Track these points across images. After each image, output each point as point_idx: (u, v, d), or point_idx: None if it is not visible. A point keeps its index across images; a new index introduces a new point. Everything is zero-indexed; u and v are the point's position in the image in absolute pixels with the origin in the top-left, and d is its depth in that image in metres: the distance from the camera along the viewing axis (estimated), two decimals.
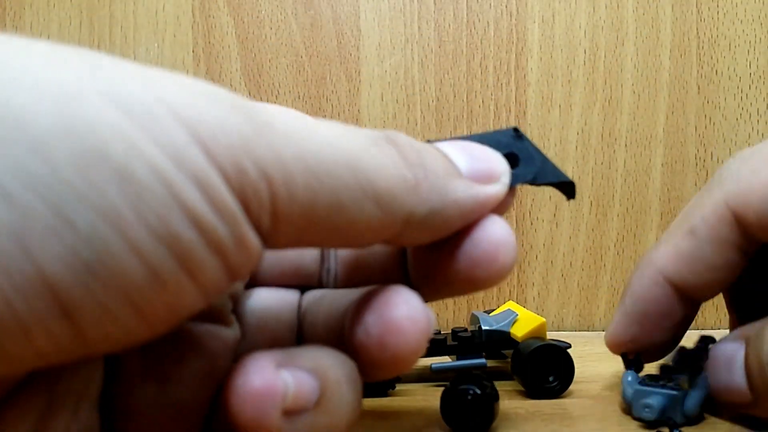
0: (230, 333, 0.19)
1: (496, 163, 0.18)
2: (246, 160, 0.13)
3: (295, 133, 0.14)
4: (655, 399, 0.24)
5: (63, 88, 0.11)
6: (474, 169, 0.17)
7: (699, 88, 0.46)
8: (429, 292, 0.19)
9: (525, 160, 0.19)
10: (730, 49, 0.46)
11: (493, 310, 0.33)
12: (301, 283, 0.21)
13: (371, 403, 0.28)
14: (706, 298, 0.26)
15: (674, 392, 0.24)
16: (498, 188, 0.18)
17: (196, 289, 0.13)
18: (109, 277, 0.11)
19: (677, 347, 0.26)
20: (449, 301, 0.46)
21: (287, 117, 0.14)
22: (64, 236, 0.11)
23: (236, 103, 0.13)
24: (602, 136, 0.46)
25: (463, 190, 0.17)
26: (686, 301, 0.26)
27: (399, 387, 0.30)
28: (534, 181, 0.19)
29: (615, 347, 0.27)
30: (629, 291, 0.27)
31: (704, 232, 0.24)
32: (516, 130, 0.20)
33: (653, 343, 0.27)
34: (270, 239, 0.14)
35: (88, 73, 0.12)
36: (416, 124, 0.46)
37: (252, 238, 0.13)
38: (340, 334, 0.18)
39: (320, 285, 0.21)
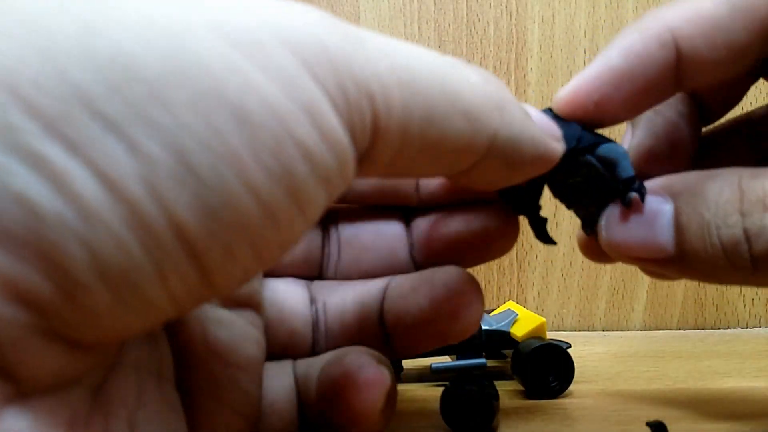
0: (261, 320, 0.20)
1: (555, 126, 0.19)
2: (348, 80, 0.13)
3: (386, 46, 0.14)
4: None
5: (171, 26, 0.11)
6: (542, 122, 0.18)
7: None
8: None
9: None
10: None
11: (493, 310, 0.33)
12: (306, 273, 0.22)
13: None
14: (702, 103, 0.23)
15: None
16: (559, 147, 0.18)
17: (304, 223, 0.13)
18: (231, 219, 0.12)
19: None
20: None
21: (374, 34, 0.14)
22: (189, 183, 0.11)
23: (330, 21, 0.13)
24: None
25: (538, 131, 0.17)
26: (680, 86, 0.20)
27: (399, 387, 0.30)
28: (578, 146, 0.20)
29: (572, 103, 0.20)
30: (619, 42, 0.19)
31: (741, 1, 0.19)
32: (550, 110, 0.20)
33: (616, 121, 0.21)
34: (365, 164, 0.14)
35: (192, 4, 0.12)
36: None
37: (353, 164, 0.14)
38: (360, 328, 0.21)
39: (321, 274, 0.22)
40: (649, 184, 0.20)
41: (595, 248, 0.22)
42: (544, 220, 0.22)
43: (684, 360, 0.35)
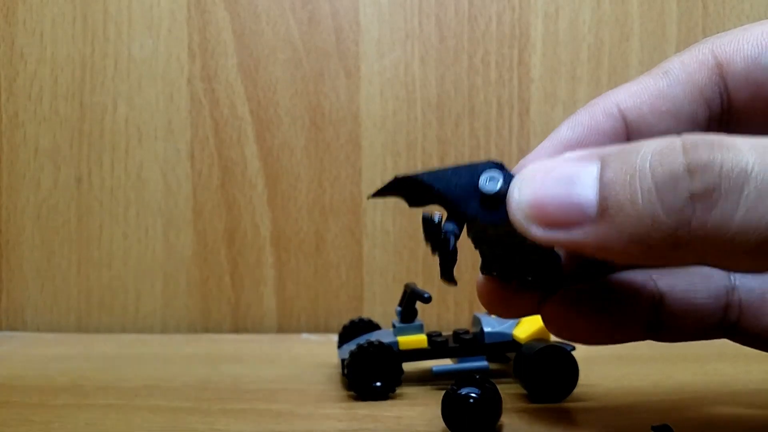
0: None
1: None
2: None
3: None
4: None
5: None
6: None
7: None
8: None
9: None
10: None
11: None
12: None
13: (372, 406, 0.28)
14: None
15: None
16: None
17: None
18: None
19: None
20: (450, 303, 0.45)
21: None
22: None
23: None
24: None
25: None
26: None
27: (400, 390, 0.29)
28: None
29: None
30: (569, 119, 0.21)
31: (679, 73, 0.20)
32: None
33: None
34: None
35: None
36: (416, 121, 0.45)
37: None
38: None
39: None
40: (574, 152, 0.18)
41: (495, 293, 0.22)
42: (452, 258, 0.20)
43: (690, 363, 0.35)
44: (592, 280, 0.23)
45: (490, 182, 0.19)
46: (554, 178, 0.18)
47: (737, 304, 0.22)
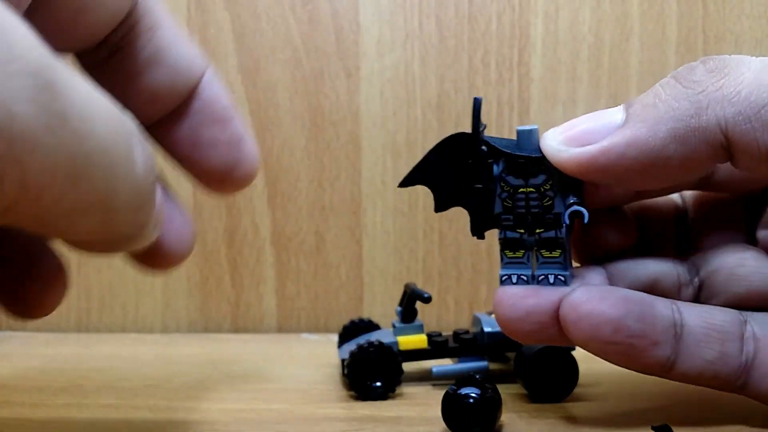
0: None
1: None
2: (13, 167, 0.11)
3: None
4: None
5: None
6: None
7: None
8: None
9: None
10: (736, 45, 0.45)
11: None
12: None
13: (372, 407, 0.28)
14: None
15: None
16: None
17: None
18: None
19: None
20: (451, 303, 0.45)
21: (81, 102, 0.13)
22: None
23: (37, 78, 0.11)
24: None
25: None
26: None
27: (400, 390, 0.29)
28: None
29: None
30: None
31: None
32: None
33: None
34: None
35: None
36: (417, 121, 0.45)
37: None
38: None
39: None
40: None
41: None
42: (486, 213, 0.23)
43: None
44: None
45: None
46: (587, 119, 0.21)
47: (751, 337, 0.22)
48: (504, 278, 0.24)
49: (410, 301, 0.31)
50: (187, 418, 0.26)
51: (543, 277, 0.23)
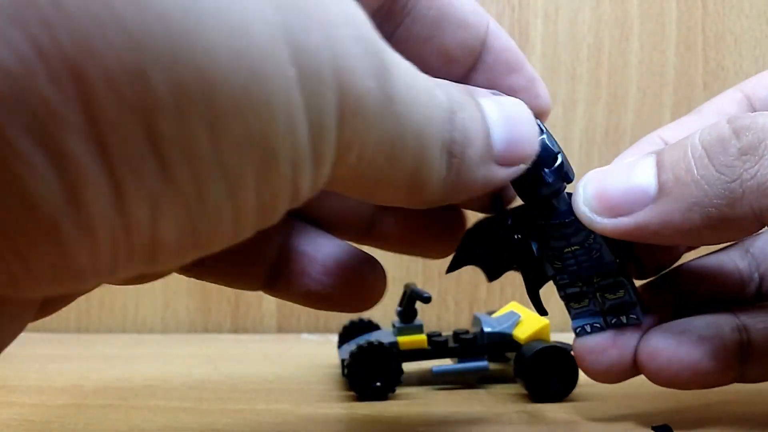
0: None
1: (533, 145, 0.18)
2: (358, 140, 0.13)
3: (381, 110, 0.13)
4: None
5: (259, 38, 0.10)
6: (507, 152, 0.17)
7: (704, 84, 0.45)
8: None
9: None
10: (735, 45, 0.45)
11: (496, 311, 0.33)
12: None
13: (372, 406, 0.28)
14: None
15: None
16: (514, 172, 0.18)
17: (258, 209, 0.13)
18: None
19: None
20: (450, 303, 0.45)
21: (401, 77, 0.13)
22: None
23: (377, 58, 0.13)
24: (607, 132, 0.45)
25: (484, 174, 0.17)
26: None
27: (399, 390, 0.29)
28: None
29: None
30: (622, 154, 0.24)
31: (710, 109, 0.23)
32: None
33: None
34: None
35: (278, 12, 0.11)
36: None
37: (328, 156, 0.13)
38: None
39: None
40: (629, 150, 0.22)
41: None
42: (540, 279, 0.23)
43: None
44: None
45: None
46: (615, 172, 0.20)
47: None
48: (578, 330, 0.23)
49: (410, 301, 0.31)
50: (188, 418, 0.26)
51: (615, 320, 0.23)
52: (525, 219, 0.22)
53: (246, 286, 0.20)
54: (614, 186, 0.20)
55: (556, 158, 0.20)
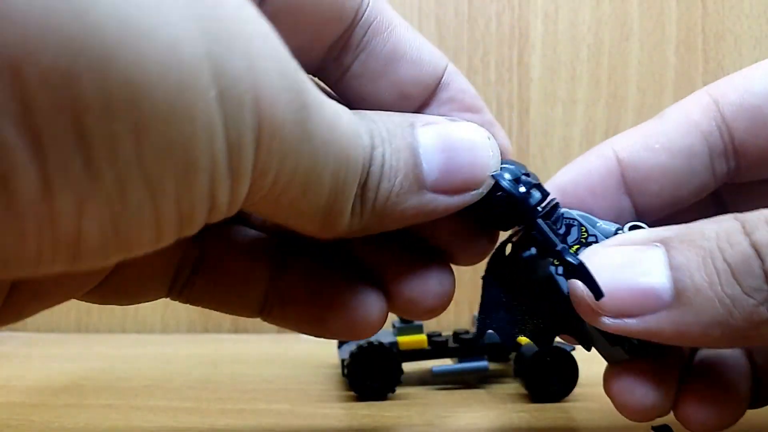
0: None
1: (479, 170, 0.18)
2: (274, 166, 0.13)
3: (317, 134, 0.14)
4: None
5: (185, 57, 0.11)
6: (443, 181, 0.17)
7: (704, 84, 0.45)
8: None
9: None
10: (735, 45, 0.45)
11: None
12: None
13: (372, 406, 0.28)
14: (648, 206, 0.21)
15: None
16: (458, 201, 0.18)
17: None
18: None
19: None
20: (451, 303, 0.45)
21: (322, 113, 0.14)
22: None
23: (298, 96, 0.14)
24: (607, 132, 0.45)
25: (413, 204, 0.17)
26: (626, 194, 0.21)
27: (399, 390, 0.29)
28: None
29: None
30: (569, 164, 0.22)
31: (674, 113, 0.21)
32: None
33: None
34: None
35: (203, 36, 0.11)
36: None
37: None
38: None
39: None
40: (629, 235, 0.19)
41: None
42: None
43: None
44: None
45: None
46: (618, 267, 0.18)
47: None
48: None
49: None
50: (187, 418, 0.26)
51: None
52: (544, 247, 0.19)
53: (240, 313, 0.21)
54: (620, 286, 0.18)
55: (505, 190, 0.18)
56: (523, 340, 0.29)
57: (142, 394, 0.30)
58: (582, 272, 0.18)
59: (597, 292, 0.17)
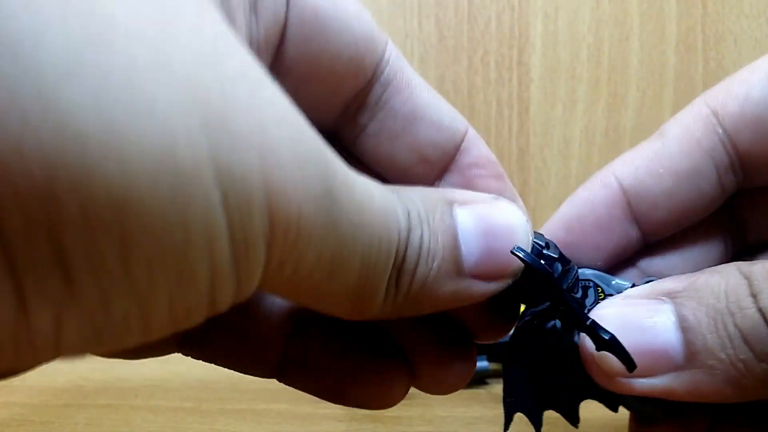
0: None
1: (509, 261, 0.17)
2: (293, 258, 0.12)
3: (350, 217, 0.13)
4: None
5: (181, 160, 0.10)
6: (482, 266, 0.16)
7: (704, 84, 0.45)
8: None
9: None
10: (735, 45, 0.45)
11: None
12: None
13: None
14: (657, 230, 0.21)
15: None
16: (495, 287, 0.17)
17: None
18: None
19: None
20: None
21: (352, 195, 0.13)
22: None
23: (321, 183, 0.12)
24: (607, 132, 0.45)
25: (450, 289, 0.16)
26: (634, 222, 0.21)
27: None
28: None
29: None
30: (570, 196, 0.21)
31: (675, 131, 0.20)
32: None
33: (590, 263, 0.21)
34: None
35: (206, 134, 0.10)
36: None
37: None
38: None
39: None
40: (637, 290, 0.19)
41: None
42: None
43: None
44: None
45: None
46: (627, 327, 0.18)
47: None
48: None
49: None
50: (187, 418, 0.26)
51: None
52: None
53: (255, 373, 0.20)
54: (630, 346, 0.17)
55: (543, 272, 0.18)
56: None
57: (142, 394, 0.30)
58: (615, 345, 0.17)
59: (630, 363, 0.17)
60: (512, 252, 0.16)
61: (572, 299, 0.18)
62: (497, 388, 0.30)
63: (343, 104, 0.18)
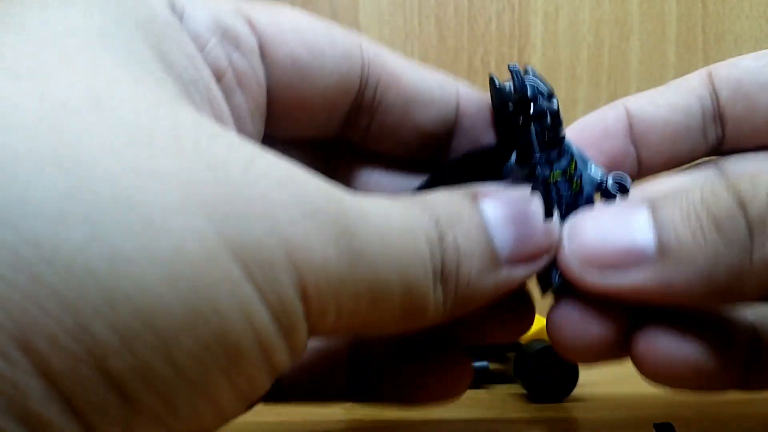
0: None
1: (550, 235, 0.18)
2: (331, 302, 0.13)
3: (374, 253, 0.14)
4: None
5: (197, 260, 0.11)
6: (517, 252, 0.17)
7: None
8: None
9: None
10: (735, 45, 0.45)
11: None
12: None
13: (371, 406, 0.28)
14: (650, 158, 0.22)
15: None
16: (535, 267, 0.17)
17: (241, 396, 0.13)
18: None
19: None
20: None
21: (370, 227, 0.14)
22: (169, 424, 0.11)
23: (336, 225, 0.13)
24: None
25: (493, 281, 0.16)
26: (633, 142, 0.23)
27: None
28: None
29: None
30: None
31: (677, 81, 0.24)
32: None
33: None
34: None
35: (210, 221, 0.11)
36: None
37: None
38: None
39: None
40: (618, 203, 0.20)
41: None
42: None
43: None
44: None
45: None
46: (606, 223, 0.18)
47: None
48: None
49: None
50: None
51: None
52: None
53: (332, 401, 0.21)
54: (606, 239, 0.18)
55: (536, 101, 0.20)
56: (523, 339, 0.29)
57: None
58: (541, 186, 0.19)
59: (548, 212, 0.18)
60: (508, 67, 0.18)
61: (536, 129, 0.21)
62: (497, 388, 0.30)
63: (343, 118, 0.19)
